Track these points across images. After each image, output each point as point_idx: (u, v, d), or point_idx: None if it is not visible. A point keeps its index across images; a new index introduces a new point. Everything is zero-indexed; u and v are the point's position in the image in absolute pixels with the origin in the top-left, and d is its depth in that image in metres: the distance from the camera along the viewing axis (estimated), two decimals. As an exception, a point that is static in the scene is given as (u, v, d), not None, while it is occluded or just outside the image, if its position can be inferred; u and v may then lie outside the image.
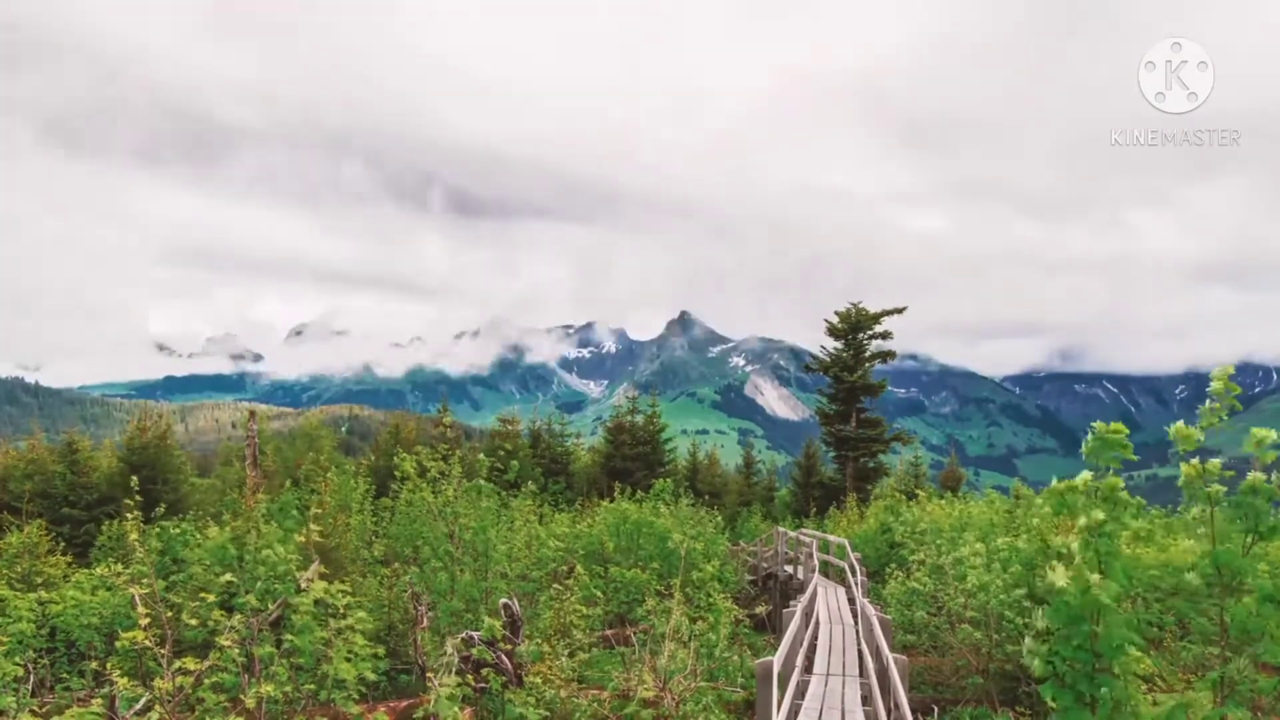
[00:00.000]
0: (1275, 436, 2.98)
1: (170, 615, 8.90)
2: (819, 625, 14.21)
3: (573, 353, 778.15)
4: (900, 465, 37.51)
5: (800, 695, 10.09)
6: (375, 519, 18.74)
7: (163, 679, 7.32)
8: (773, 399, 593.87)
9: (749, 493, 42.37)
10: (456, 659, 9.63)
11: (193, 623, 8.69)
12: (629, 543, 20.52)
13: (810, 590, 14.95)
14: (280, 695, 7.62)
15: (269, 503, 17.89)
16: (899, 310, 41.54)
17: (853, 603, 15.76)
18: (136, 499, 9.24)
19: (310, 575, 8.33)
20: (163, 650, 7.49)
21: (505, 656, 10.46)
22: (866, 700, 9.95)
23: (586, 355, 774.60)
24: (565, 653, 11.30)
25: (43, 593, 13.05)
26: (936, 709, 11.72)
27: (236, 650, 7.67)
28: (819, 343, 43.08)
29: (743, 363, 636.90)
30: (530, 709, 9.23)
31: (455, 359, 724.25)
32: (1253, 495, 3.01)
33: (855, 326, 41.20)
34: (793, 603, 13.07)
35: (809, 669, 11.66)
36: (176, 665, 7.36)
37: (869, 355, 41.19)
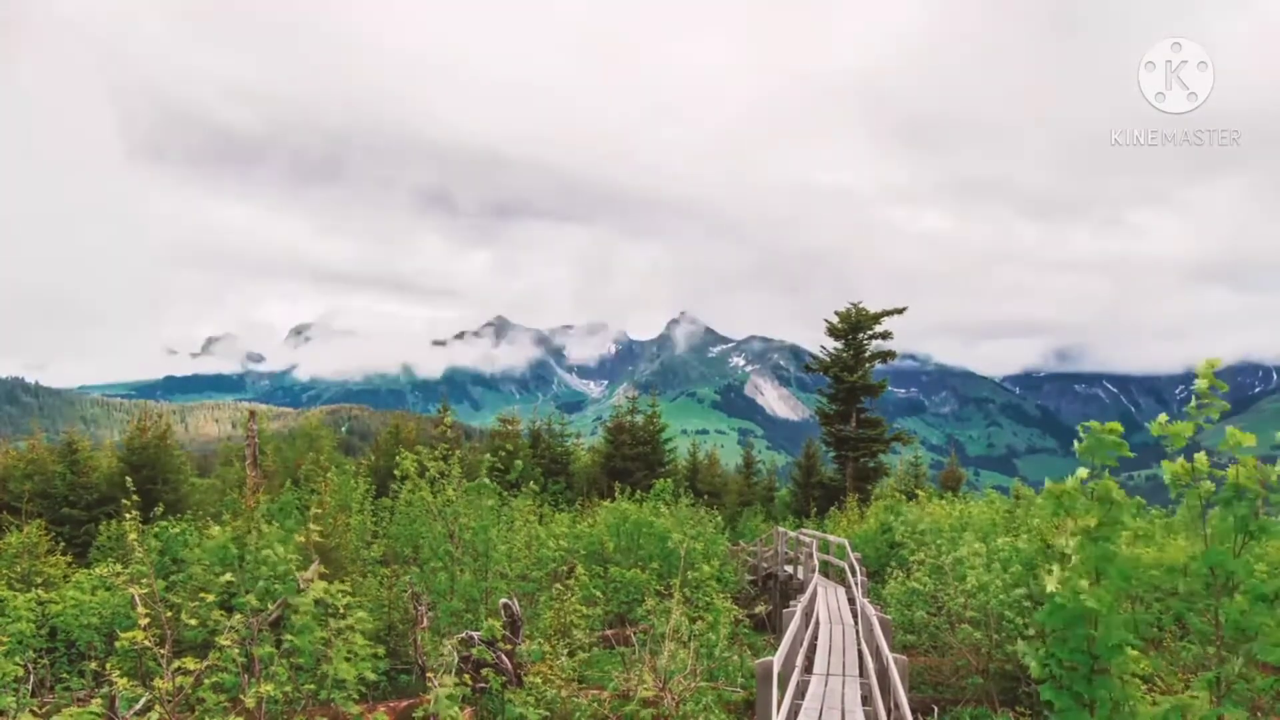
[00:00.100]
0: (1253, 440, 2.97)
1: (170, 615, 8.90)
2: (819, 625, 14.21)
3: (573, 353, 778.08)
4: (900, 465, 37.52)
5: (800, 695, 10.09)
6: (375, 519, 18.73)
7: (163, 679, 7.32)
8: (773, 399, 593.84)
9: (749, 493, 42.37)
10: (456, 659, 9.64)
11: (192, 623, 8.69)
12: (629, 543, 20.52)
13: (810, 590, 14.95)
14: (280, 695, 7.63)
15: (269, 503, 17.89)
16: (899, 310, 41.57)
17: (853, 603, 15.76)
18: (134, 499, 9.24)
19: (310, 575, 8.33)
20: (162, 650, 7.49)
21: (505, 656, 10.46)
22: (866, 700, 9.95)
23: (586, 355, 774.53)
24: (565, 653, 11.31)
25: (42, 592, 13.06)
26: (936, 709, 11.72)
27: (236, 650, 7.68)
28: (819, 343, 43.12)
29: (743, 363, 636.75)
30: (530, 709, 9.23)
31: (455, 359, 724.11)
32: (1237, 495, 3.01)
33: (855, 326, 41.23)
34: (793, 603, 13.07)
35: (809, 669, 11.66)
36: (176, 665, 7.36)
37: (869, 355, 41.21)
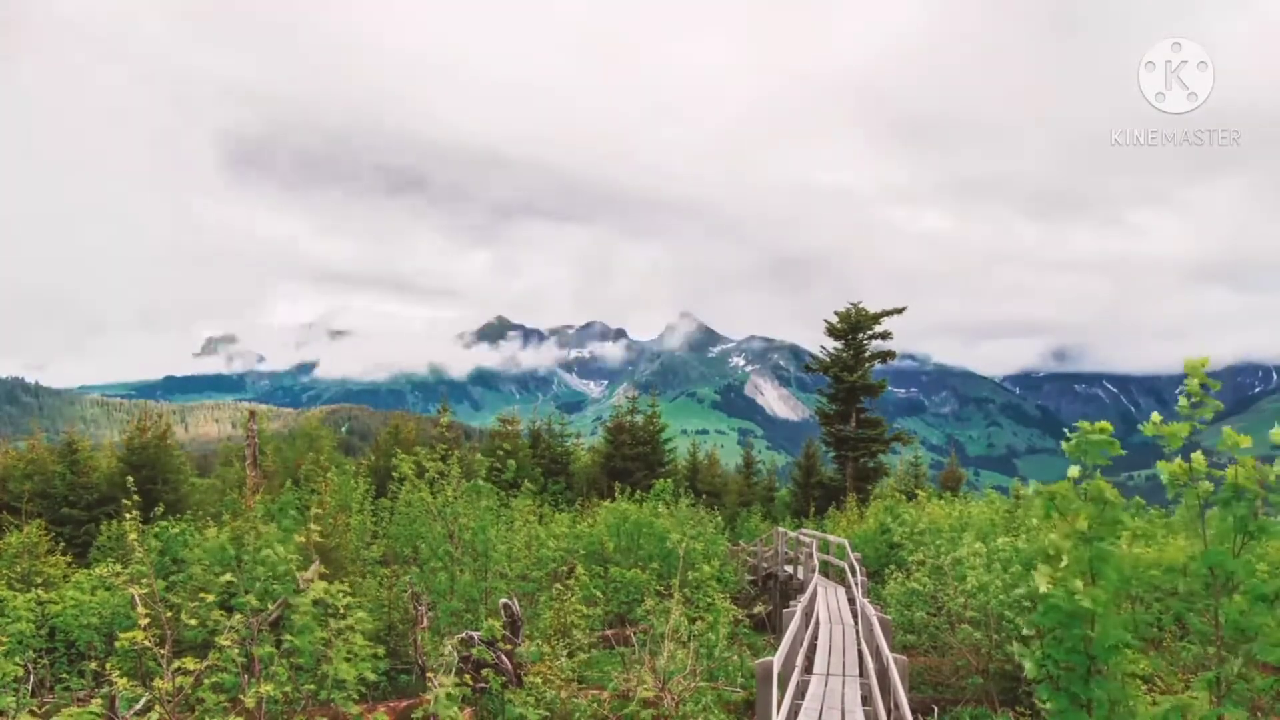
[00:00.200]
0: (1249, 441, 2.97)
1: (170, 615, 8.90)
2: (819, 625, 14.21)
3: (573, 353, 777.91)
4: (900, 465, 37.52)
5: (800, 695, 10.09)
6: (375, 519, 18.74)
7: (162, 679, 7.33)
8: (773, 399, 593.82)
9: (749, 493, 42.37)
10: (456, 659, 9.64)
11: (192, 623, 8.70)
12: (629, 543, 20.52)
13: (810, 590, 14.95)
14: (280, 695, 7.64)
15: (269, 503, 17.89)
16: (899, 310, 41.58)
17: (853, 603, 15.76)
18: (134, 499, 9.24)
19: (310, 575, 8.33)
20: (162, 650, 7.50)
21: (505, 656, 10.47)
22: (866, 700, 9.95)
23: (586, 355, 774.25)
24: (565, 653, 11.30)
25: (42, 593, 13.06)
26: (936, 709, 11.72)
27: (236, 650, 7.68)
28: (819, 343, 43.13)
29: (743, 363, 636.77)
30: (530, 709, 9.23)
31: (455, 359, 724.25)
32: (1236, 495, 3.00)
33: (855, 326, 41.23)
34: (793, 603, 13.07)
35: (809, 669, 11.66)
36: (176, 665, 7.37)
37: (869, 355, 41.21)
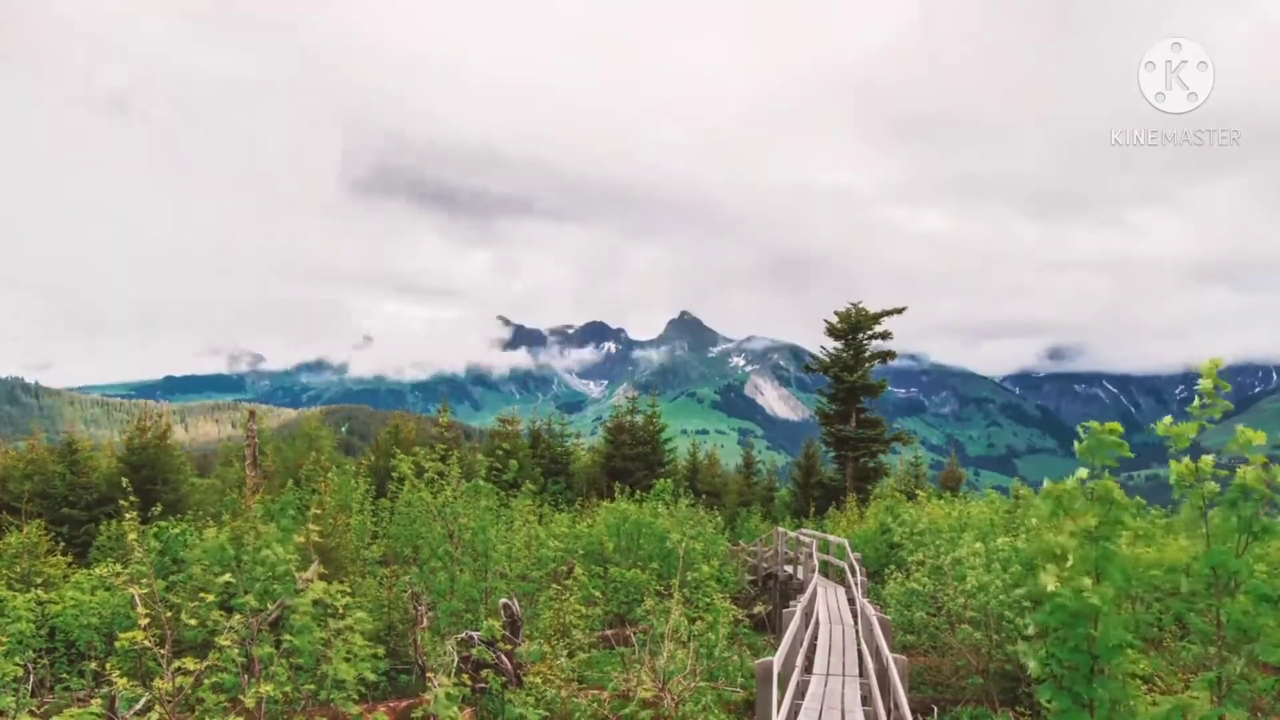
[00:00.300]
0: (1263, 438, 2.96)
1: (170, 615, 8.89)
2: (819, 625, 14.21)
3: (573, 353, 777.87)
4: (900, 465, 37.52)
5: (800, 695, 10.09)
6: (375, 519, 18.73)
7: (162, 679, 7.32)
8: (773, 399, 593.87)
9: (749, 493, 42.37)
10: (456, 659, 9.64)
11: (192, 623, 8.68)
12: (629, 543, 20.51)
13: (810, 590, 14.94)
14: (280, 695, 7.63)
15: (269, 503, 17.87)
16: (899, 310, 41.58)
17: (853, 603, 15.76)
18: (132, 500, 9.24)
19: (310, 575, 8.33)
20: (162, 650, 7.49)
21: (505, 657, 10.46)
22: (866, 700, 9.95)
23: (586, 355, 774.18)
24: (565, 653, 11.30)
25: (42, 593, 13.05)
26: (936, 709, 11.72)
27: (236, 650, 7.68)
28: (819, 343, 43.17)
29: (743, 363, 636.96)
30: (530, 709, 9.23)
31: (455, 359, 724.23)
32: (1243, 495, 3.00)
33: (855, 327, 41.23)
34: (793, 603, 13.07)
35: (809, 669, 11.65)
36: (176, 665, 7.36)
37: (869, 355, 41.21)
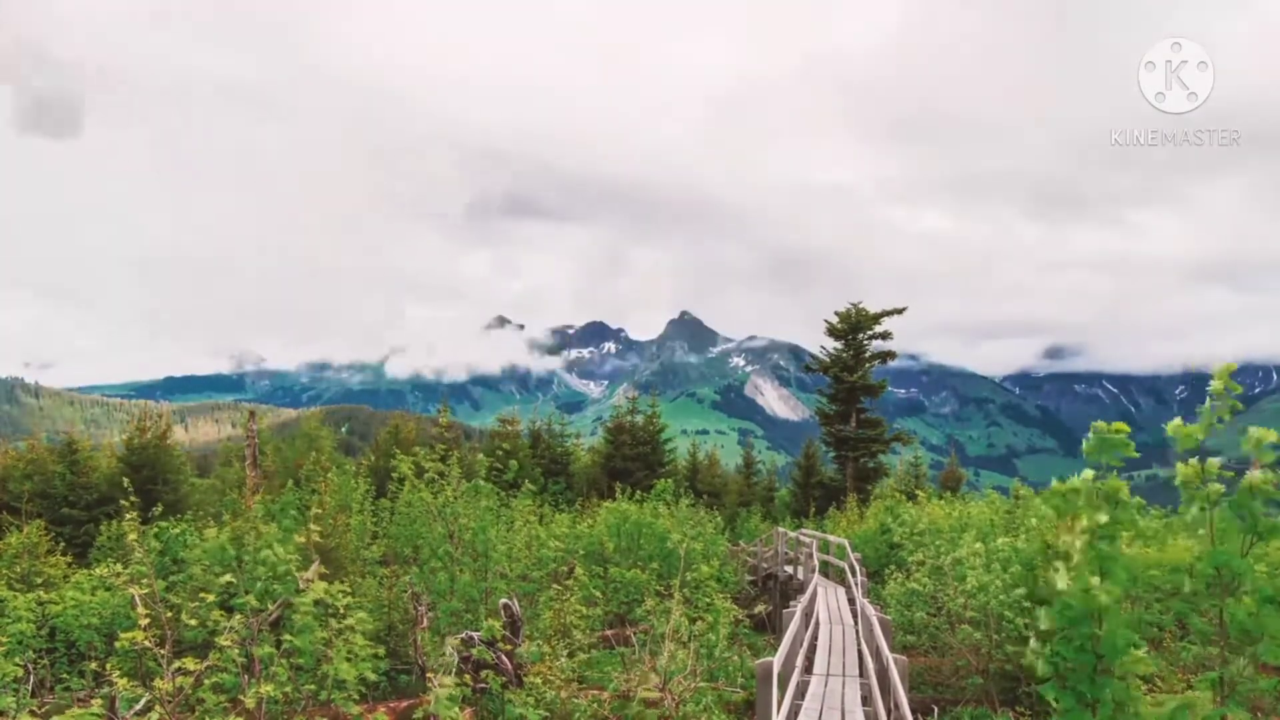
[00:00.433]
0: (1275, 437, 2.95)
1: (170, 615, 8.89)
2: (819, 625, 14.20)
3: (573, 353, 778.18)
4: (900, 465, 37.54)
5: (800, 695, 10.08)
6: (375, 519, 18.74)
7: (163, 679, 7.32)
8: (773, 399, 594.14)
9: (749, 493, 42.38)
10: (456, 659, 9.63)
11: (192, 623, 8.68)
12: (629, 543, 20.51)
13: (810, 590, 14.94)
14: (280, 695, 7.62)
15: (269, 503, 17.87)
16: (899, 310, 41.60)
17: (853, 603, 15.76)
18: (132, 500, 9.23)
19: (310, 576, 8.32)
20: (162, 650, 7.49)
21: (505, 657, 10.45)
22: (866, 700, 9.94)
23: (586, 356, 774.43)
24: (565, 653, 11.30)
25: (42, 593, 13.05)
26: (936, 709, 11.72)
27: (236, 650, 7.67)
28: (819, 343, 43.16)
29: (743, 363, 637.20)
30: (530, 709, 9.22)
31: (455, 359, 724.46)
32: (1250, 496, 2.99)
33: (855, 327, 41.25)
34: (793, 603, 13.07)
35: (809, 669, 11.65)
36: (176, 665, 7.36)
37: (869, 355, 41.22)
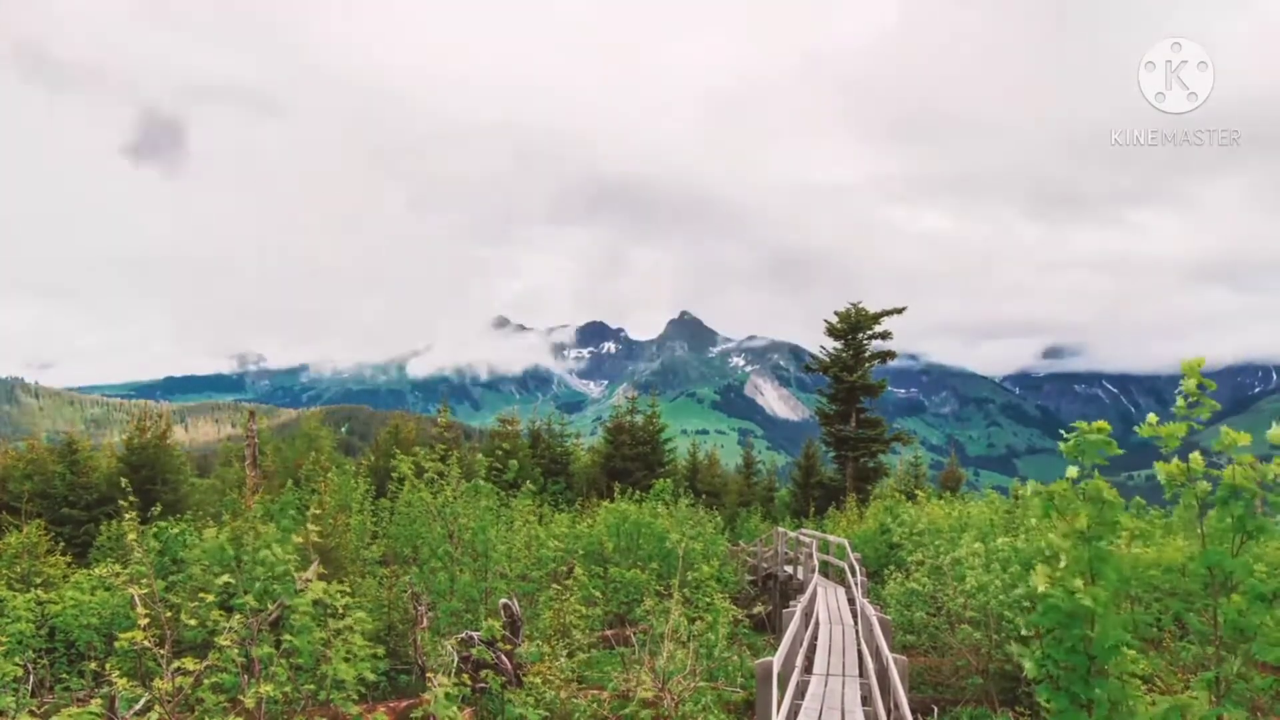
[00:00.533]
0: (1249, 439, 2.96)
1: (169, 615, 8.90)
2: (819, 625, 14.21)
3: (573, 353, 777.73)
4: (900, 465, 37.55)
5: (800, 695, 10.09)
6: (375, 519, 18.75)
7: (162, 679, 7.32)
8: (773, 399, 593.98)
9: (749, 493, 42.38)
10: (456, 659, 9.64)
11: (192, 623, 8.69)
12: (628, 543, 20.52)
13: (810, 590, 14.95)
14: (279, 695, 7.63)
15: (269, 503, 17.88)
16: (899, 310, 41.61)
17: (852, 603, 15.76)
18: (132, 500, 9.24)
19: (309, 575, 8.33)
20: (162, 650, 7.49)
21: (505, 657, 10.46)
22: (866, 700, 9.95)
23: (586, 355, 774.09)
24: (565, 653, 11.30)
25: (42, 593, 13.05)
26: (936, 709, 11.72)
27: (236, 650, 7.68)
28: (819, 343, 43.18)
29: (743, 363, 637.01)
30: (530, 709, 9.23)
31: (456, 359, 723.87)
32: (1233, 494, 3.00)
33: (855, 327, 41.25)
34: (792, 603, 13.07)
35: (809, 669, 11.66)
36: (176, 665, 7.36)
37: (869, 355, 41.23)
